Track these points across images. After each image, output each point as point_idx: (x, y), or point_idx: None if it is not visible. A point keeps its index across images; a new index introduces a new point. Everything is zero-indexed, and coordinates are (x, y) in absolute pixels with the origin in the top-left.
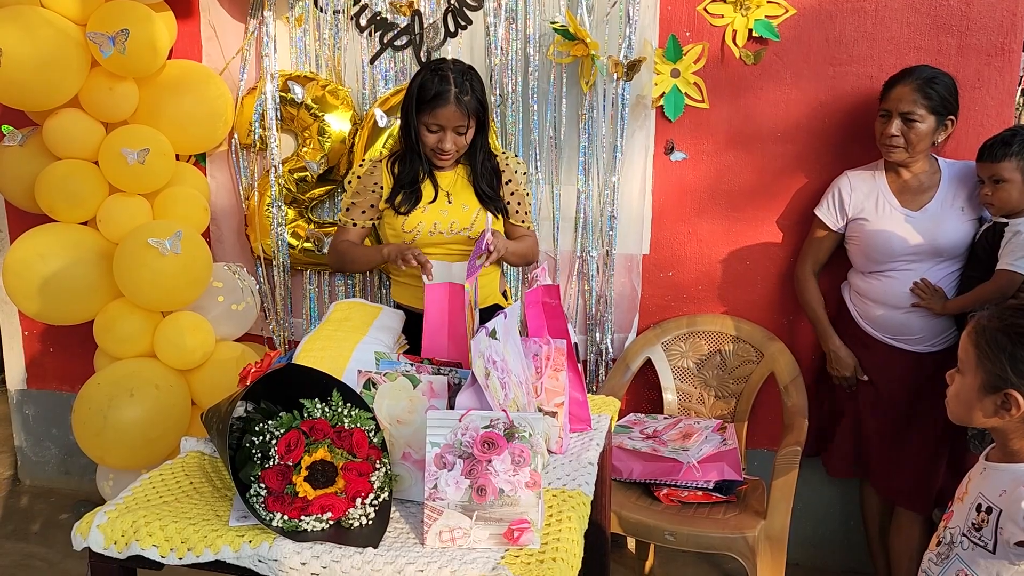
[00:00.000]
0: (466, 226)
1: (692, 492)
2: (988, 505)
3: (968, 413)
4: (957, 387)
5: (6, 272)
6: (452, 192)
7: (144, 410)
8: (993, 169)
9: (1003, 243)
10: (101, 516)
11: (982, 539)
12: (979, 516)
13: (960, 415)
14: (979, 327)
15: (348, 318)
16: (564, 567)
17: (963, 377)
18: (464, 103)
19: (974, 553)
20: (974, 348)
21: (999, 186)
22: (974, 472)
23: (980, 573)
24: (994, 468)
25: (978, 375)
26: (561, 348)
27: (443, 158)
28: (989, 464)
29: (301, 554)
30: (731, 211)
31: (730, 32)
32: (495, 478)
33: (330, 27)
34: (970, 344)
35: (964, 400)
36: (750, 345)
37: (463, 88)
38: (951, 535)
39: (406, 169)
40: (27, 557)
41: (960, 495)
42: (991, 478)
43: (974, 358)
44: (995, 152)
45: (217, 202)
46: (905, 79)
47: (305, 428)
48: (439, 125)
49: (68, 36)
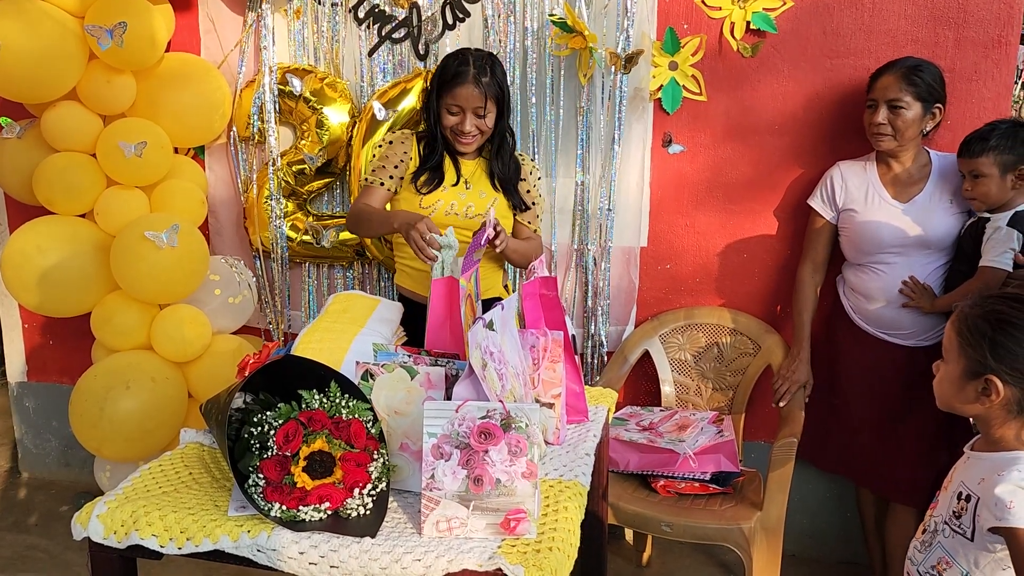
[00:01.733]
0: (481, 211)
1: (689, 483)
2: (967, 493)
3: (952, 400)
4: (942, 374)
5: (4, 264)
6: (472, 180)
7: (141, 402)
8: (972, 164)
9: (984, 239)
10: (101, 506)
11: (961, 527)
12: (959, 504)
13: (945, 402)
14: (961, 315)
15: (346, 310)
16: (560, 557)
17: (947, 365)
18: (483, 84)
19: (954, 541)
20: (956, 335)
21: (978, 181)
22: (960, 462)
23: (959, 560)
24: (976, 457)
25: (960, 362)
26: (558, 339)
27: (464, 141)
28: (972, 453)
29: (299, 544)
30: (729, 203)
31: (728, 24)
32: (492, 468)
33: (328, 20)
34: (953, 332)
35: (948, 387)
36: (747, 337)
37: (482, 70)
38: (935, 523)
39: (430, 152)
40: (28, 549)
41: (945, 484)
42: (973, 467)
43: (956, 345)
44: (972, 148)
45: (215, 195)
46: (890, 69)
47: (303, 419)
48: (459, 106)
49: (66, 29)
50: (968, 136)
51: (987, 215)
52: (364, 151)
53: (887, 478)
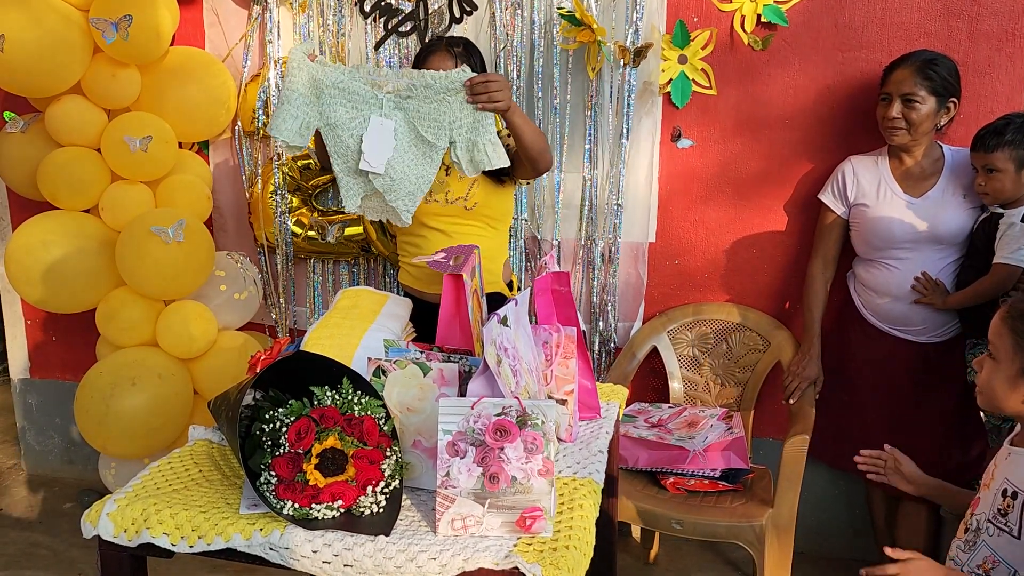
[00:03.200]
0: (461, 195)
1: (699, 480)
2: (1014, 490)
3: (1004, 400)
4: (990, 373)
5: (8, 259)
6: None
7: (146, 399)
8: (986, 159)
9: (998, 235)
10: (111, 504)
11: (1007, 524)
12: (1004, 502)
13: (994, 402)
14: (1016, 312)
15: (356, 306)
16: (576, 555)
17: (997, 364)
18: (452, 50)
19: (1000, 539)
20: (1012, 334)
21: (992, 176)
22: (999, 458)
23: (1007, 559)
24: (1019, 453)
25: (1016, 361)
26: (571, 336)
27: None
28: (1015, 449)
29: (312, 542)
30: (738, 198)
31: (738, 18)
32: (508, 466)
33: (334, 13)
34: (1006, 330)
35: (999, 386)
36: (756, 333)
37: (452, 41)
38: (977, 522)
39: None
40: (32, 546)
41: (987, 481)
42: (1017, 463)
43: (1011, 344)
44: (988, 142)
45: (220, 190)
46: (905, 62)
47: (315, 416)
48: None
49: (71, 22)
50: (981, 130)
51: (1000, 210)
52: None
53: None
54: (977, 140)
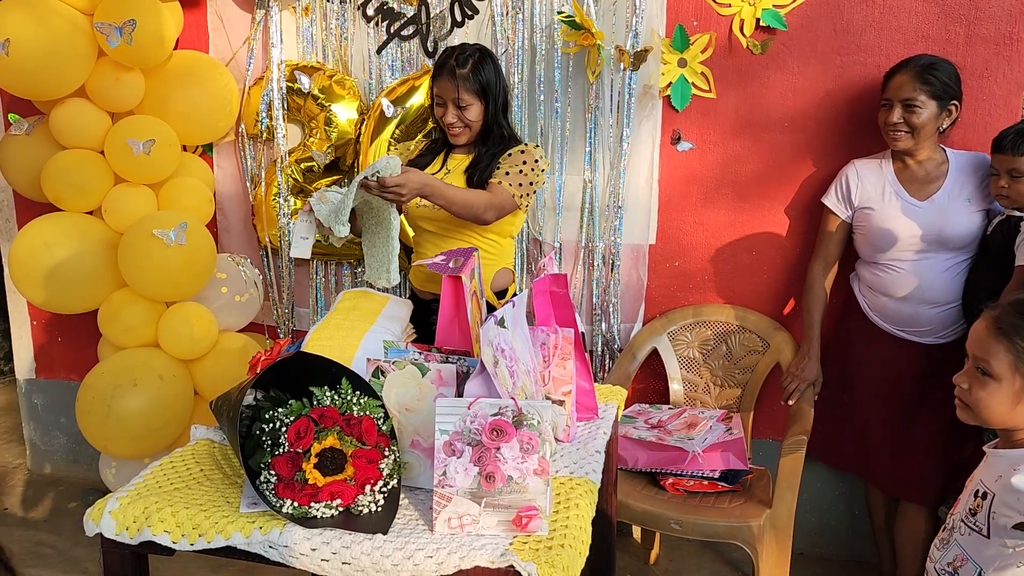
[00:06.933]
0: None
1: (698, 481)
2: (984, 491)
3: (1006, 418)
4: (987, 393)
5: (12, 261)
6: (452, 172)
7: (147, 399)
8: (1013, 162)
9: (1020, 239)
10: (113, 503)
11: (976, 524)
12: (975, 501)
13: (988, 421)
14: (1007, 324)
15: (356, 307)
16: (572, 554)
17: (996, 382)
18: (458, 76)
19: (970, 538)
20: (1008, 354)
21: (1017, 180)
22: (981, 464)
23: (975, 558)
24: (995, 455)
25: (1018, 379)
26: (569, 337)
27: (452, 132)
28: (992, 451)
29: (311, 540)
30: (738, 201)
31: (737, 21)
32: (504, 465)
33: (337, 17)
34: (1002, 349)
35: (1000, 405)
36: (756, 335)
37: (461, 62)
38: (952, 522)
39: (432, 143)
40: (37, 545)
41: (967, 484)
42: (992, 465)
43: (1010, 364)
44: (1017, 145)
45: (224, 192)
46: (904, 67)
47: (315, 416)
48: (441, 98)
49: (75, 26)
50: (1007, 132)
51: (1018, 213)
52: (372, 148)
53: (897, 476)
54: (1002, 142)
